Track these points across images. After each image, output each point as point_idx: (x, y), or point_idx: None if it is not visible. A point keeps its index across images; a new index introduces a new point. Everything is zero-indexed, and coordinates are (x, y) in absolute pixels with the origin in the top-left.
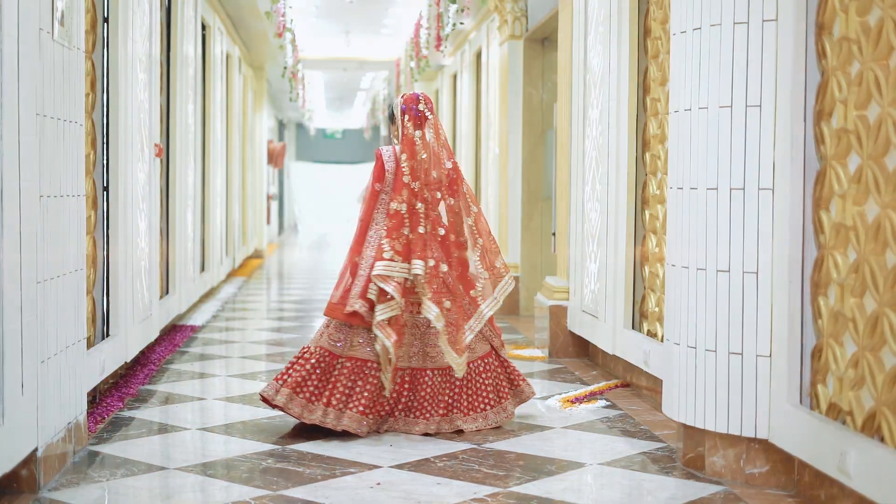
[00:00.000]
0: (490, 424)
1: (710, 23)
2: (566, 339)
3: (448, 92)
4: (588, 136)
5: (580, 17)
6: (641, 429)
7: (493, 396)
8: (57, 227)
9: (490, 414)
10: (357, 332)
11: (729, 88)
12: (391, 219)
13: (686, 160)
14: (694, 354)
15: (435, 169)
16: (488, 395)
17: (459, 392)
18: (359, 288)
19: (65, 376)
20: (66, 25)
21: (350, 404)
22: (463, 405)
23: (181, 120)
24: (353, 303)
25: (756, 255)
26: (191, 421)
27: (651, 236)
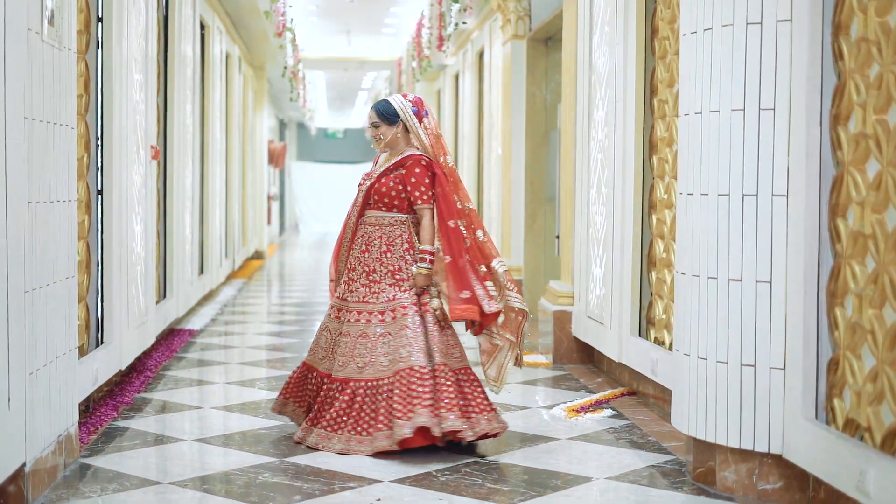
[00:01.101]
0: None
1: (722, 23)
2: (570, 344)
3: (450, 92)
4: (593, 138)
5: (585, 17)
6: (649, 440)
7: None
8: (46, 234)
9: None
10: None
11: (741, 91)
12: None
13: (697, 165)
14: (705, 366)
15: None
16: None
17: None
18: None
19: (55, 387)
20: (56, 25)
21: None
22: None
23: (179, 121)
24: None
25: (769, 263)
26: (187, 431)
27: (658, 241)
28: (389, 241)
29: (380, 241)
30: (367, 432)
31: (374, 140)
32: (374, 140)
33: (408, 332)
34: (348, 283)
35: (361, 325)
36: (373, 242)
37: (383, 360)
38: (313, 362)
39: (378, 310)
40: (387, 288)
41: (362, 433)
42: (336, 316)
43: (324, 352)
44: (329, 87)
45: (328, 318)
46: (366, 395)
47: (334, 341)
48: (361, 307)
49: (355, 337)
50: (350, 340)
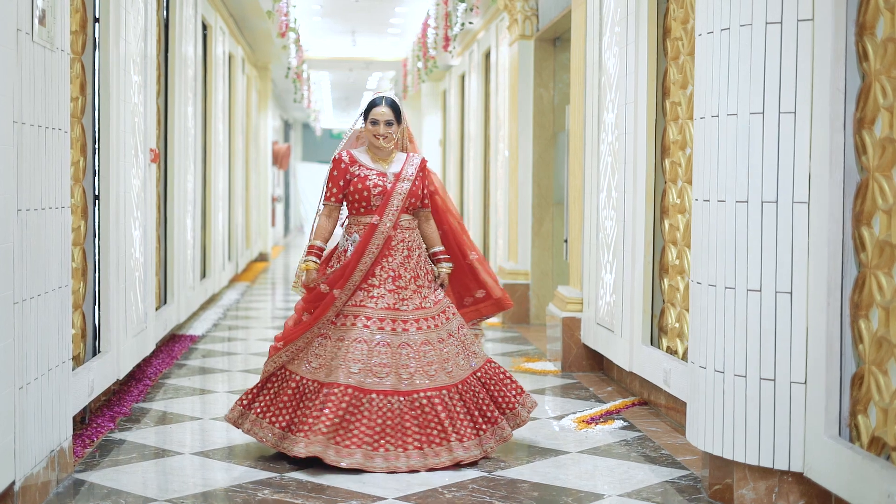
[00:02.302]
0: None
1: (741, 23)
2: (580, 352)
3: (456, 93)
4: (603, 141)
5: (595, 17)
6: (662, 454)
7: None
8: (38, 243)
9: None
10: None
11: (761, 93)
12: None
13: (713, 170)
14: (722, 379)
15: None
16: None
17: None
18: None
19: (47, 401)
20: (47, 26)
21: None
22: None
23: (180, 123)
24: None
25: (790, 273)
26: (185, 444)
27: (671, 247)
28: (420, 244)
29: (417, 246)
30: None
31: (383, 138)
32: (383, 138)
33: (453, 339)
34: (395, 291)
35: (424, 332)
36: (413, 248)
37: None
38: (309, 373)
39: (432, 315)
40: (430, 294)
41: (441, 444)
42: (379, 326)
43: (322, 360)
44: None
45: (341, 328)
46: (445, 402)
47: (372, 351)
48: (419, 314)
49: (418, 346)
50: (413, 351)
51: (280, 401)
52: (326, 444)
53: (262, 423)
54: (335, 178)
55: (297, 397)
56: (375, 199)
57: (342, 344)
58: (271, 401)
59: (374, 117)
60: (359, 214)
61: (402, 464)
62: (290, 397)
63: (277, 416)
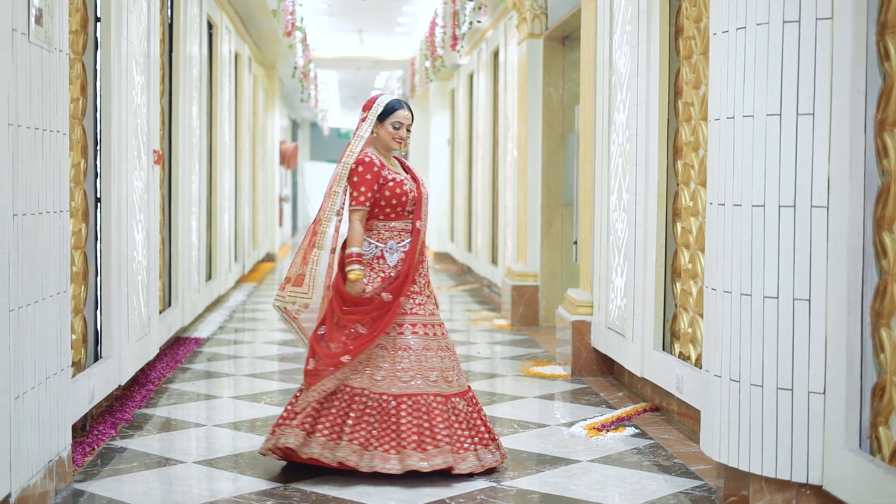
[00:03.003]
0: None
1: (757, 21)
2: (590, 356)
3: (464, 92)
4: (614, 142)
5: (605, 15)
6: (675, 462)
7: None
8: (35, 248)
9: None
10: None
11: (778, 95)
12: None
13: (728, 173)
14: (738, 389)
15: None
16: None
17: None
18: None
19: (45, 410)
20: (44, 25)
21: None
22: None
23: (185, 123)
24: None
25: (808, 280)
26: (188, 452)
27: (683, 251)
28: None
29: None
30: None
31: (403, 143)
32: (403, 143)
33: (451, 351)
34: (429, 297)
35: (439, 338)
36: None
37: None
38: (376, 386)
39: (440, 322)
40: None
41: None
42: (424, 332)
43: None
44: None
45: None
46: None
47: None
48: (428, 320)
49: (421, 350)
50: (415, 354)
51: (350, 418)
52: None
53: (340, 444)
54: (369, 182)
55: (371, 412)
56: (409, 203)
57: (410, 353)
58: (343, 420)
59: (398, 121)
60: (388, 220)
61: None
62: (361, 412)
63: (354, 434)
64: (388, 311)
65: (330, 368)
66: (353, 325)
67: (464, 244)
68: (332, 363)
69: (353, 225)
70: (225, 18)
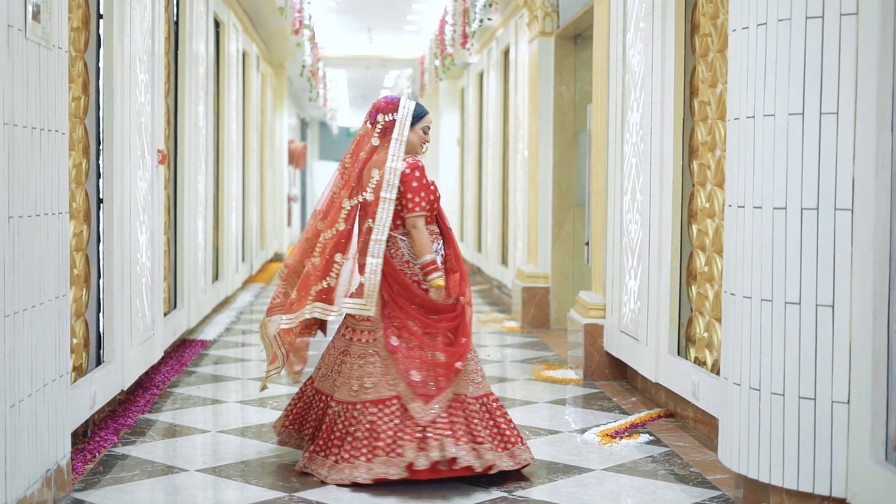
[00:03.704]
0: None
1: (778, 17)
2: (602, 359)
3: (474, 91)
4: (627, 141)
5: (618, 13)
6: (692, 471)
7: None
8: (32, 251)
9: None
10: (325, 363)
11: (800, 93)
12: None
13: (748, 175)
14: (758, 397)
15: None
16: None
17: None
18: None
19: (42, 418)
20: (42, 22)
21: None
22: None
23: (191, 123)
24: None
25: (832, 285)
26: (192, 460)
27: (699, 253)
28: None
29: None
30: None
31: (426, 146)
32: (426, 146)
33: None
34: None
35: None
36: None
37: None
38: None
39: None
40: None
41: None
42: None
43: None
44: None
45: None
46: None
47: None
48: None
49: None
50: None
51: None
52: None
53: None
54: (426, 187)
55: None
56: (435, 206)
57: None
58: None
59: (427, 125)
60: (427, 224)
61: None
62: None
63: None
64: (464, 312)
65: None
66: (445, 331)
67: (473, 244)
68: (453, 371)
69: (422, 232)
70: (232, 16)
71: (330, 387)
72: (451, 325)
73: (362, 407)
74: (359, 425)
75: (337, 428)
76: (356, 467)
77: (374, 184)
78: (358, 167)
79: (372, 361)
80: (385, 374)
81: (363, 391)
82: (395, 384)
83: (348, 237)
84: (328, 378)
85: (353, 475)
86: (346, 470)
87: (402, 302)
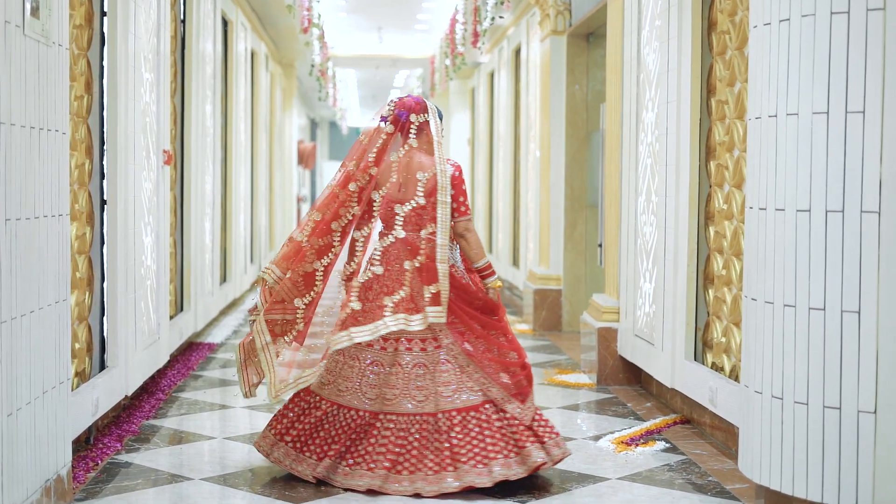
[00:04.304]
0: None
1: (802, 13)
2: (616, 363)
3: (485, 91)
4: (642, 141)
5: (633, 10)
6: (710, 481)
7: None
8: (30, 255)
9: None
10: (345, 376)
11: (825, 91)
12: None
13: (770, 176)
14: (780, 406)
15: None
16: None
17: (420, 446)
18: None
19: (42, 427)
20: (41, 18)
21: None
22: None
23: (198, 122)
24: None
25: (858, 290)
26: (198, 468)
27: (716, 256)
28: None
29: None
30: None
31: None
32: None
33: None
34: None
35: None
36: None
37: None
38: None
39: None
40: None
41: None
42: None
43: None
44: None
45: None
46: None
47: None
48: None
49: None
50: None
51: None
52: None
53: None
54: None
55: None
56: None
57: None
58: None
59: (443, 126)
60: None
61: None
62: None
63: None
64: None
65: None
66: (502, 330)
67: (484, 245)
68: (530, 368)
69: (476, 235)
70: (241, 15)
71: (371, 401)
72: (505, 322)
73: (447, 416)
74: (452, 434)
75: (414, 439)
76: (466, 473)
77: (424, 187)
78: (399, 170)
79: (445, 369)
80: (467, 379)
81: (443, 400)
82: (483, 388)
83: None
84: (356, 392)
85: (472, 480)
86: (448, 478)
87: (460, 304)
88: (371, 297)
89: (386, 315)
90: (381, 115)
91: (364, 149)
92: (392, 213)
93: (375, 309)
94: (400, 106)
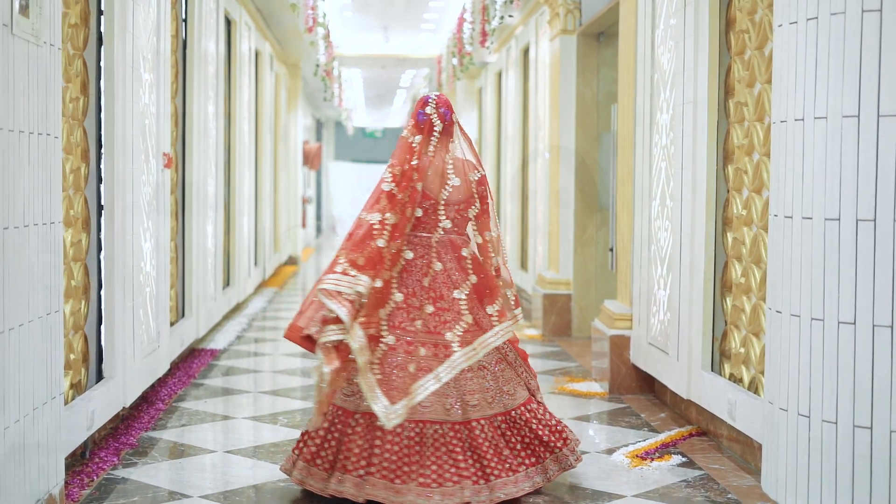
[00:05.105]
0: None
1: (831, 11)
2: (629, 372)
3: (492, 91)
4: (656, 144)
5: (647, 9)
6: (729, 498)
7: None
8: (19, 265)
9: (522, 478)
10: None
11: (855, 94)
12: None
13: (796, 182)
14: (807, 425)
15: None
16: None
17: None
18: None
19: (32, 445)
20: (31, 17)
21: (372, 469)
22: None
23: (200, 124)
24: (311, 325)
25: (891, 304)
26: (198, 484)
27: (735, 263)
28: None
29: None
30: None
31: None
32: None
33: None
34: None
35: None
36: None
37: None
38: None
39: None
40: None
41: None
42: None
43: None
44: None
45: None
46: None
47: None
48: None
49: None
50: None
51: None
52: None
53: None
54: None
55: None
56: None
57: None
58: None
59: None
60: None
61: None
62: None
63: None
64: None
65: None
66: None
67: None
68: None
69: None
70: (244, 14)
71: (435, 410)
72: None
73: (516, 413)
74: (525, 430)
75: (497, 441)
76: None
77: (477, 190)
78: (459, 171)
79: (502, 367)
80: (514, 377)
81: (509, 398)
82: (525, 384)
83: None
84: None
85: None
86: (521, 481)
87: None
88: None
89: (495, 324)
90: (423, 113)
91: (414, 149)
92: (465, 218)
93: (483, 318)
94: (443, 104)
